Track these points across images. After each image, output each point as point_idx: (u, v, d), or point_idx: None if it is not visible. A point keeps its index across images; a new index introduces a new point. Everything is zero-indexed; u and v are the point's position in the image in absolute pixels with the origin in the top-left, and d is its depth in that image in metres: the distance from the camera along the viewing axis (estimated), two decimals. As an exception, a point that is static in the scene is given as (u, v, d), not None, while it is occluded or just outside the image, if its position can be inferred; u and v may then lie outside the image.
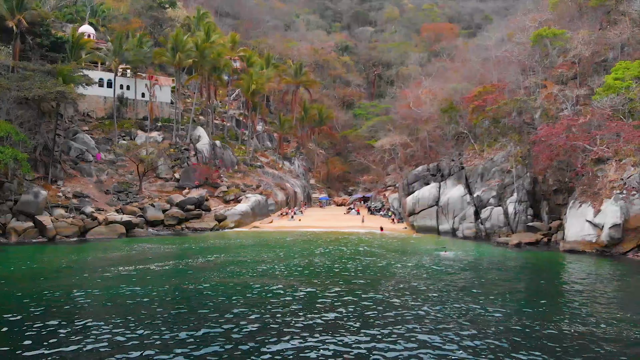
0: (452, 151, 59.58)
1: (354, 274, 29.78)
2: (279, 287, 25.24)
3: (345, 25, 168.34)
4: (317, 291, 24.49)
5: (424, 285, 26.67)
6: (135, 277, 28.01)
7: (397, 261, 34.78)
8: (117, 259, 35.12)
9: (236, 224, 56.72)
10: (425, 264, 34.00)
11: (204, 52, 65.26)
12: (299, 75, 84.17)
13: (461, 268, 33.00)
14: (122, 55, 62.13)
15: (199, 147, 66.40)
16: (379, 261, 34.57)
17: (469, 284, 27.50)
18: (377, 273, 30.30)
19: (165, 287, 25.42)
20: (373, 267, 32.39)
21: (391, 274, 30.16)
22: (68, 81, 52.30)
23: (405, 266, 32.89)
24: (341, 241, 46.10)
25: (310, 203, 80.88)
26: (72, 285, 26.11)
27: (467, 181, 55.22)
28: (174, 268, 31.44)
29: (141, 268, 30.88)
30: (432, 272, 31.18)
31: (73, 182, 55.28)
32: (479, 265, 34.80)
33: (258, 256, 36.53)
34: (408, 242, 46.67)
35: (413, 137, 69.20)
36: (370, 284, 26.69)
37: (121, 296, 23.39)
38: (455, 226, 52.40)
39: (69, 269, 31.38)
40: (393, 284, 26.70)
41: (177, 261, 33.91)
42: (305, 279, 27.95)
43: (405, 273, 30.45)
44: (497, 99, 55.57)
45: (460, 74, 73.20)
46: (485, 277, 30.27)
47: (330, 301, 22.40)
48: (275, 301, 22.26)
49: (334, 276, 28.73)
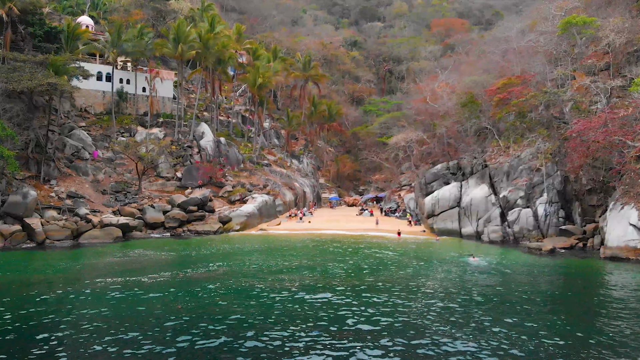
0: (474, 148, 55.42)
1: (377, 288, 25.79)
2: (291, 305, 21.34)
3: (353, 21, 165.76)
4: (338, 311, 20.56)
5: (459, 302, 22.71)
6: (123, 293, 24.20)
7: (423, 271, 30.80)
8: (107, 268, 31.36)
9: (242, 226, 52.88)
10: (454, 275, 30.01)
11: (208, 43, 61.38)
12: (308, 68, 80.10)
13: (495, 279, 29.16)
14: (121, 47, 58.31)
15: (202, 144, 62.57)
16: (403, 272, 30.56)
17: (509, 300, 23.82)
18: (405, 287, 26.28)
19: (157, 307, 21.56)
20: (397, 278, 28.38)
21: (420, 288, 26.17)
22: (61, 73, 48.63)
23: (434, 278, 28.90)
24: (356, 247, 42.13)
25: (319, 203, 76.91)
26: (49, 301, 22.37)
27: (491, 180, 51.11)
28: (170, 280, 27.60)
29: (133, 281, 27.07)
30: (465, 284, 27.19)
31: (67, 182, 51.64)
32: (515, 276, 30.75)
33: (266, 265, 32.67)
34: (430, 248, 42.62)
35: (429, 133, 65.06)
36: (399, 302, 22.71)
37: (103, 318, 19.58)
38: (480, 229, 48.28)
39: (51, 280, 27.65)
40: (425, 303, 22.71)
41: (174, 271, 30.09)
42: (322, 294, 23.99)
43: (435, 286, 26.48)
44: (523, 92, 51.35)
45: (478, 67, 68.98)
46: (525, 291, 26.34)
47: (356, 326, 18.46)
48: (290, 326, 18.35)
49: (354, 291, 24.76)
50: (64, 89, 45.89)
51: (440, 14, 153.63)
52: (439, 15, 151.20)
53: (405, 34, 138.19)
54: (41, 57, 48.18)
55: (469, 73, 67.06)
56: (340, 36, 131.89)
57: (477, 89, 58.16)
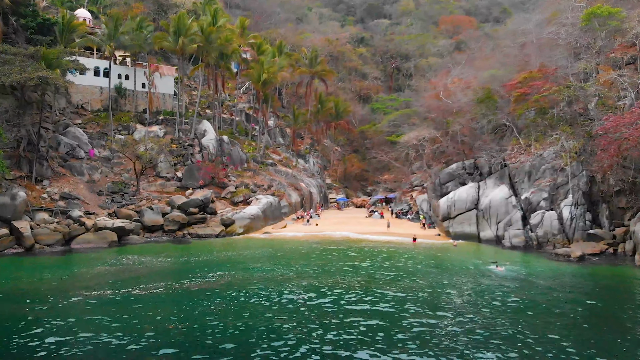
0: (491, 146, 52.19)
1: (397, 303, 22.72)
2: (301, 327, 18.31)
3: (358, 19, 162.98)
4: (354, 332, 17.52)
5: (491, 319, 19.69)
6: (110, 308, 21.30)
7: (446, 282, 27.68)
8: (96, 278, 28.42)
9: (245, 229, 49.87)
10: (481, 287, 26.92)
11: (210, 36, 58.35)
12: (315, 64, 76.92)
13: (526, 292, 26.25)
14: (118, 40, 55.35)
15: (204, 143, 59.58)
16: (424, 283, 27.45)
17: (547, 316, 21.14)
18: (428, 302, 23.21)
19: (145, 327, 18.58)
20: (418, 291, 25.29)
21: (445, 302, 23.09)
22: (54, 66, 45.71)
23: (459, 290, 25.79)
24: (369, 253, 39.03)
25: (326, 204, 73.81)
26: (23, 318, 19.41)
27: (511, 181, 47.93)
28: (164, 293, 24.64)
29: (122, 293, 24.14)
30: (494, 298, 24.12)
31: (61, 182, 48.75)
32: (548, 288, 27.66)
33: (271, 273, 29.67)
34: (448, 254, 39.46)
35: (442, 131, 61.83)
36: (425, 321, 19.65)
37: (80, 344, 16.62)
38: (500, 233, 45.09)
39: (32, 292, 24.71)
40: (453, 321, 19.64)
41: (170, 281, 27.12)
42: (335, 310, 20.95)
43: (462, 301, 23.40)
44: (545, 86, 48.15)
45: (493, 62, 65.72)
46: (563, 305, 23.53)
47: (380, 352, 15.45)
48: (299, 348, 15.33)
49: (373, 308, 21.70)
50: (55, 83, 42.89)
51: (448, 12, 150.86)
52: (447, 13, 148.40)
53: (412, 31, 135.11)
54: (32, 49, 45.29)
55: (483, 68, 63.80)
56: (347, 33, 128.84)
57: (494, 84, 54.93)
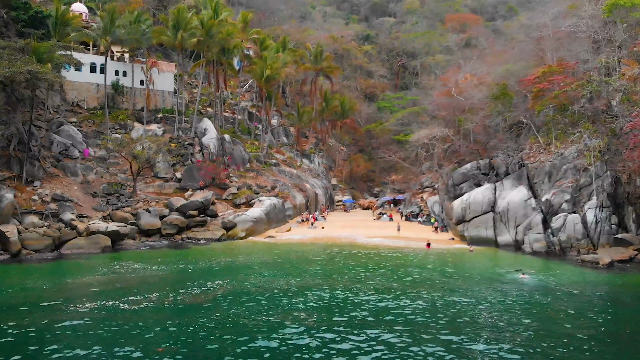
0: (508, 145, 49.35)
1: (421, 321, 19.96)
2: (313, 350, 15.57)
3: (363, 17, 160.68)
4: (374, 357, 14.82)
5: (532, 340, 16.82)
6: (92, 325, 18.67)
7: (470, 294, 24.86)
8: (82, 289, 25.77)
9: (247, 232, 47.15)
10: (510, 299, 24.15)
11: (211, 30, 55.66)
12: (320, 60, 74.16)
13: (561, 304, 23.63)
14: (114, 34, 52.69)
15: (204, 142, 56.89)
16: (446, 295, 24.66)
17: (594, 333, 18.07)
18: (457, 321, 20.42)
19: (130, 350, 15.86)
20: (442, 307, 22.50)
21: (473, 320, 20.29)
22: (45, 61, 43.19)
23: (486, 304, 22.97)
24: (380, 260, 36.27)
25: (332, 206, 71.03)
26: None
27: (530, 182, 45.15)
28: (156, 307, 21.95)
29: (109, 307, 21.49)
30: (528, 313, 21.33)
31: (53, 183, 46.14)
32: (585, 300, 24.92)
33: (276, 283, 26.95)
34: (466, 261, 36.66)
35: (453, 129, 59.04)
36: (454, 345, 16.87)
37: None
38: (519, 237, 42.26)
39: (8, 306, 22.02)
40: (489, 347, 16.85)
41: (163, 293, 24.44)
42: (348, 329, 18.20)
43: (492, 318, 20.60)
44: (566, 81, 45.31)
45: (506, 57, 62.80)
46: (607, 320, 20.52)
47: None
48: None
49: (390, 328, 18.93)
50: (46, 78, 40.28)
51: (454, 10, 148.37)
52: (452, 11, 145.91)
53: (417, 29, 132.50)
54: (22, 43, 42.72)
55: (496, 64, 60.92)
56: (351, 30, 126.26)
57: (511, 79, 52.10)
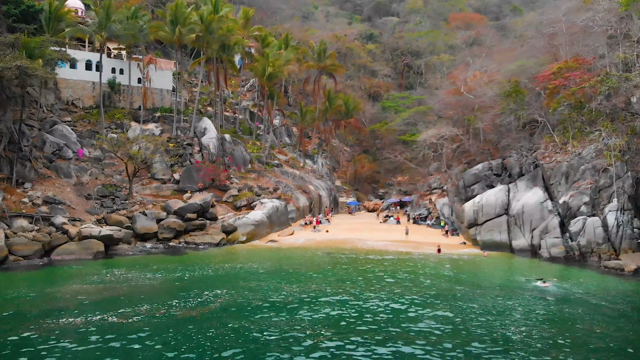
0: (522, 144, 47.14)
1: (443, 336, 17.75)
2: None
3: (365, 17, 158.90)
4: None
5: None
6: (73, 343, 16.52)
7: (493, 306, 22.64)
8: (68, 299, 23.63)
9: (249, 236, 44.98)
10: (538, 312, 21.95)
11: (211, 26, 53.53)
12: (323, 58, 72.00)
13: (595, 318, 21.20)
14: (110, 29, 50.61)
15: (204, 142, 54.75)
16: (465, 307, 22.44)
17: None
18: (480, 338, 18.20)
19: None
20: (462, 320, 20.29)
21: (507, 338, 18.08)
22: (35, 56, 41.17)
23: (516, 318, 20.76)
24: (390, 267, 34.07)
25: (337, 208, 68.80)
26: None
27: (545, 183, 42.92)
28: (147, 320, 19.80)
29: (94, 322, 19.39)
30: (564, 331, 19.06)
31: (45, 185, 44.06)
32: (615, 310, 22.69)
33: (279, 293, 24.80)
34: (482, 268, 34.44)
35: (463, 128, 56.83)
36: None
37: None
38: (535, 242, 40.02)
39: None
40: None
41: (155, 305, 22.30)
42: (361, 343, 16.00)
43: (521, 336, 18.35)
44: (583, 77, 43.13)
45: (517, 54, 60.56)
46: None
47: None
48: None
49: (407, 345, 16.74)
50: (35, 74, 38.23)
51: (457, 9, 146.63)
52: (456, 10, 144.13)
53: (421, 29, 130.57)
54: (12, 37, 40.68)
55: (507, 60, 58.65)
56: (355, 29, 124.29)
57: (524, 75, 49.88)
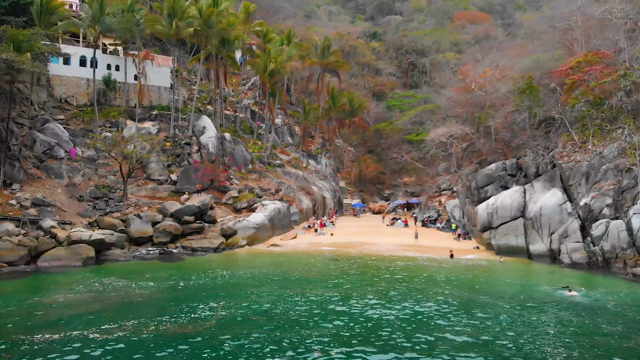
0: (538, 143, 44.70)
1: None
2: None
3: (368, 17, 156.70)
4: None
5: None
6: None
7: (523, 321, 20.20)
8: (49, 312, 21.30)
9: (249, 240, 42.61)
10: (574, 328, 19.48)
11: (210, 20, 51.20)
12: (327, 54, 69.60)
13: (632, 332, 18.62)
14: (104, 23, 48.30)
15: (203, 141, 52.39)
16: (492, 322, 19.99)
17: None
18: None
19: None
20: (491, 338, 17.84)
21: None
22: (24, 50, 38.91)
23: (551, 335, 18.31)
24: (400, 275, 31.65)
25: (341, 211, 66.38)
26: None
27: (563, 183, 40.48)
28: (131, 338, 17.39)
29: (74, 337, 17.16)
30: (609, 352, 16.62)
31: (35, 186, 41.75)
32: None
33: (281, 306, 22.40)
34: (501, 276, 32.00)
35: (474, 126, 54.38)
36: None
37: None
38: (554, 246, 37.58)
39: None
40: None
41: (144, 319, 19.93)
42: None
43: (565, 358, 15.95)
44: (604, 71, 40.72)
45: (530, 49, 58.08)
46: None
47: None
48: None
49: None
50: (23, 68, 35.97)
51: (462, 8, 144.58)
52: (460, 9, 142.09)
53: (425, 28, 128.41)
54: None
55: (519, 56, 56.19)
56: (358, 27, 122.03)
57: (539, 71, 47.45)
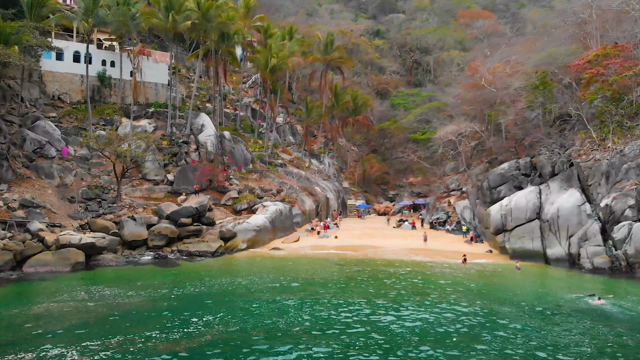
0: (553, 141, 42.54)
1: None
2: None
3: (371, 15, 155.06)
4: None
5: None
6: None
7: (548, 333, 18.02)
8: (26, 326, 19.14)
9: (250, 243, 40.47)
10: (608, 343, 17.29)
11: (209, 13, 49.12)
12: (330, 51, 67.52)
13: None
14: (97, 15, 46.22)
15: (201, 140, 50.30)
16: (518, 337, 17.82)
17: None
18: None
19: None
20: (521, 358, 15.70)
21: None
22: (11, 43, 36.86)
23: (584, 354, 16.13)
24: (410, 282, 29.49)
25: (345, 212, 64.21)
26: None
27: (582, 184, 38.28)
28: (115, 357, 15.27)
29: (50, 357, 14.88)
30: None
31: (24, 186, 39.68)
32: None
33: (284, 319, 20.25)
34: (519, 282, 29.86)
35: (483, 124, 52.22)
36: None
37: None
38: (573, 250, 35.38)
39: None
40: None
41: (130, 334, 17.77)
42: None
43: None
44: (625, 65, 38.55)
45: (542, 43, 55.91)
46: None
47: None
48: None
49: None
50: (9, 61, 33.93)
51: (465, 6, 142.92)
52: (464, 7, 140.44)
53: (428, 26, 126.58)
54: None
55: (531, 50, 54.02)
56: (361, 25, 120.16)
57: (553, 65, 45.29)
